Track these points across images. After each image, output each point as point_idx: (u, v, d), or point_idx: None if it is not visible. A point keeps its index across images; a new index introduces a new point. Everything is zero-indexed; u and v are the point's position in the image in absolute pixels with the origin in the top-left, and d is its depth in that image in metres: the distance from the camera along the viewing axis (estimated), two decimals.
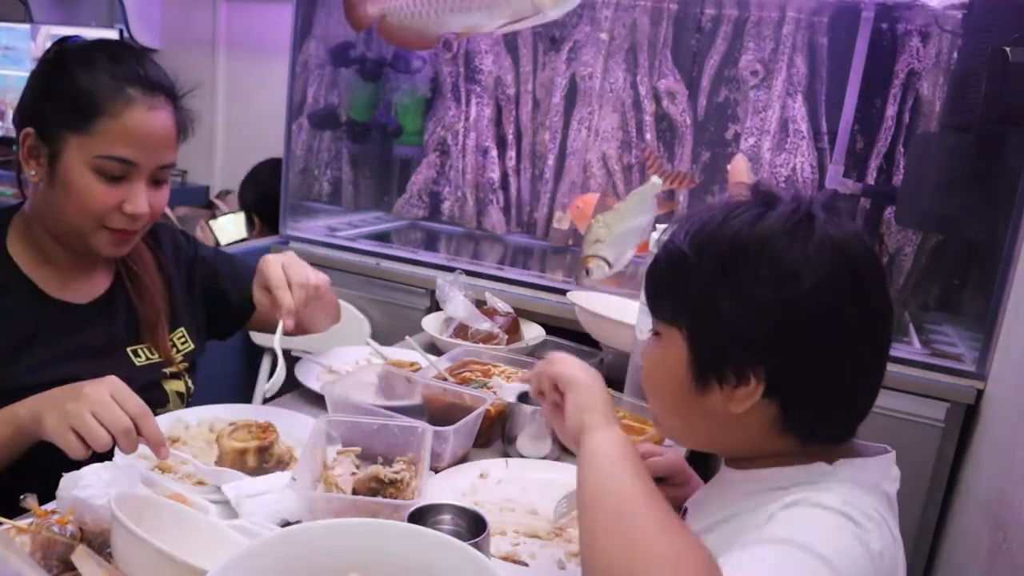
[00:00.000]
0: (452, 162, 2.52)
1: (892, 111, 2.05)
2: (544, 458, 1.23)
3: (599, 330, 1.63)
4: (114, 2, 2.96)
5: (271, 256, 1.24)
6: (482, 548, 0.81)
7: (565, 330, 1.78)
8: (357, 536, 0.70)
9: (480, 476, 1.16)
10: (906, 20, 2.03)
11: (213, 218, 2.59)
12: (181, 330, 1.33)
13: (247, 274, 1.30)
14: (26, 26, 3.04)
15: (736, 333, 0.71)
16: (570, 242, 2.38)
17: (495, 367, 1.47)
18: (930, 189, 1.90)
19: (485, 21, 1.84)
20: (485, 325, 1.70)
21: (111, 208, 1.14)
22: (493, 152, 2.48)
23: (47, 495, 0.85)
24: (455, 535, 0.78)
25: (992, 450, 1.50)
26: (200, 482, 1.05)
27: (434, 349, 1.69)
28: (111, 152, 1.11)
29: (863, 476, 0.71)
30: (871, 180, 2.10)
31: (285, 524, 0.93)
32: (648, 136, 2.30)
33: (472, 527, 0.88)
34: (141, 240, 1.27)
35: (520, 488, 1.13)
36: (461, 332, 1.72)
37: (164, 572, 0.74)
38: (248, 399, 2.14)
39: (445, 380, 1.34)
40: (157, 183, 1.19)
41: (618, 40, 2.30)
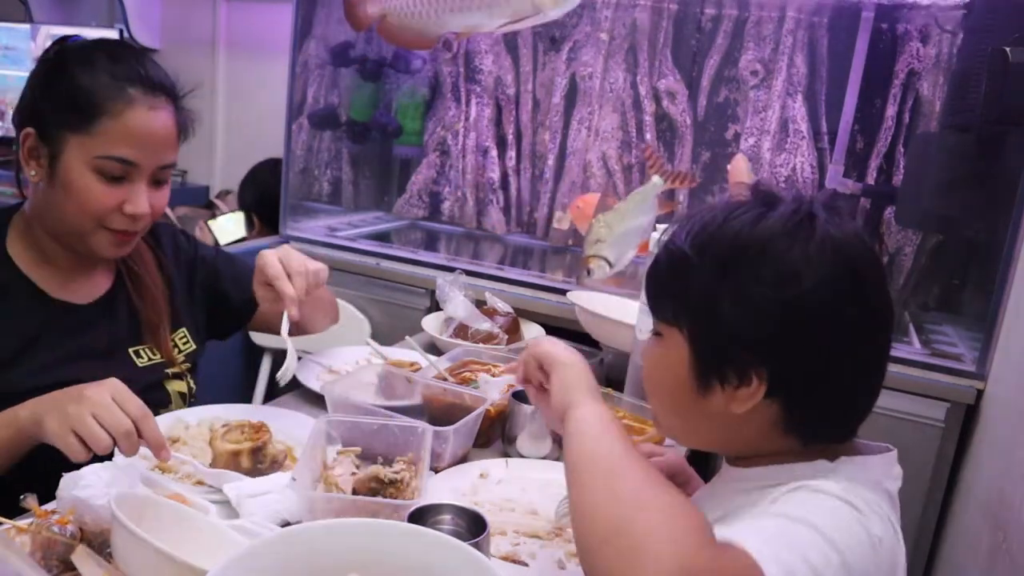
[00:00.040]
0: (452, 162, 2.51)
1: (892, 111, 2.05)
2: (544, 458, 1.23)
3: (599, 330, 1.63)
4: (114, 2, 2.96)
5: (267, 251, 1.24)
6: (482, 548, 0.81)
7: (565, 330, 1.78)
8: (357, 536, 0.70)
9: (480, 476, 1.16)
10: (906, 20, 2.03)
11: (213, 218, 2.59)
12: (183, 330, 1.33)
13: (247, 274, 1.30)
14: (26, 26, 3.04)
15: (737, 333, 0.71)
16: (570, 242, 2.38)
17: (495, 367, 1.47)
18: (930, 189, 1.90)
19: (485, 21, 1.84)
20: (485, 325, 1.70)
21: (111, 209, 1.14)
22: (493, 152, 2.48)
23: (47, 495, 0.85)
24: (455, 535, 0.78)
25: (992, 450, 1.50)
26: (200, 482, 1.05)
27: (434, 349, 1.69)
28: (111, 152, 1.11)
29: (865, 473, 0.71)
30: (871, 180, 2.09)
31: (285, 524, 0.93)
32: (648, 136, 2.30)
33: (472, 527, 0.88)
34: (141, 240, 1.26)
35: (520, 488, 1.13)
36: (461, 332, 1.72)
37: (164, 572, 0.74)
38: (248, 399, 2.13)
39: (445, 380, 1.34)
40: (158, 183, 1.18)
41: (618, 40, 2.30)
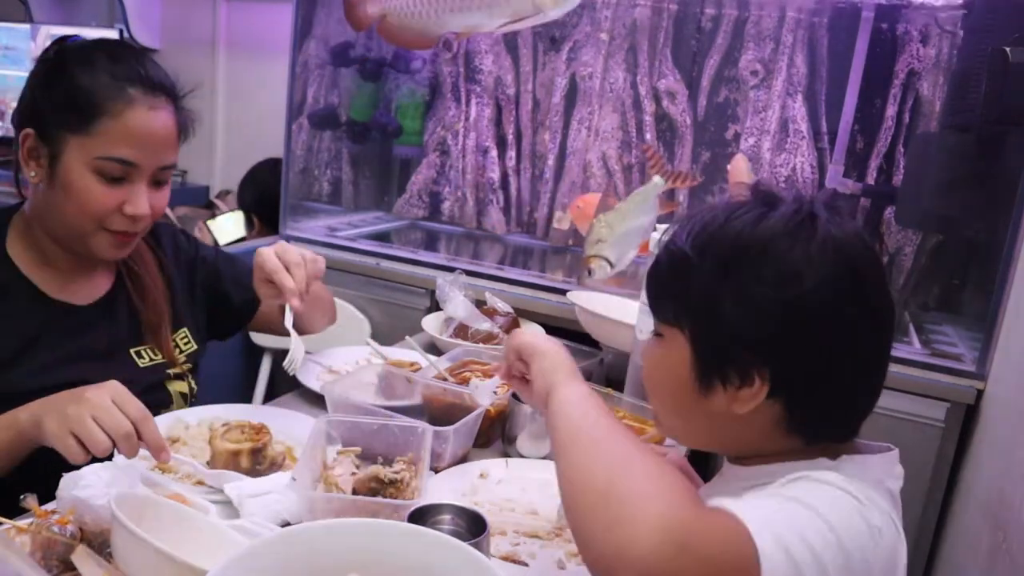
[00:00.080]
0: (452, 162, 2.51)
1: (892, 111, 2.05)
2: (544, 458, 1.23)
3: (599, 330, 1.63)
4: (114, 2, 2.96)
5: (264, 248, 1.24)
6: (482, 548, 0.81)
7: (565, 330, 1.78)
8: (357, 536, 0.70)
9: (480, 476, 1.16)
10: (906, 20, 2.03)
11: (212, 218, 2.59)
12: (184, 330, 1.33)
13: (248, 273, 1.29)
14: (26, 26, 3.04)
15: (739, 333, 0.71)
16: (570, 242, 2.38)
17: (495, 367, 1.47)
18: (930, 189, 1.90)
19: (485, 21, 1.83)
20: (485, 325, 1.70)
21: (111, 210, 1.13)
22: (493, 152, 2.48)
23: (47, 495, 0.85)
24: (455, 535, 0.78)
25: (992, 450, 1.50)
26: (200, 482, 1.05)
27: (434, 349, 1.69)
28: (111, 153, 1.11)
29: (866, 472, 0.71)
30: (871, 180, 2.09)
31: (285, 524, 0.93)
32: (648, 136, 2.30)
33: (472, 527, 0.88)
34: (141, 240, 1.26)
35: (520, 488, 1.13)
36: (461, 332, 1.72)
37: (164, 572, 0.74)
38: (248, 399, 2.14)
39: (445, 380, 1.34)
40: (158, 184, 1.18)
41: (618, 40, 2.30)
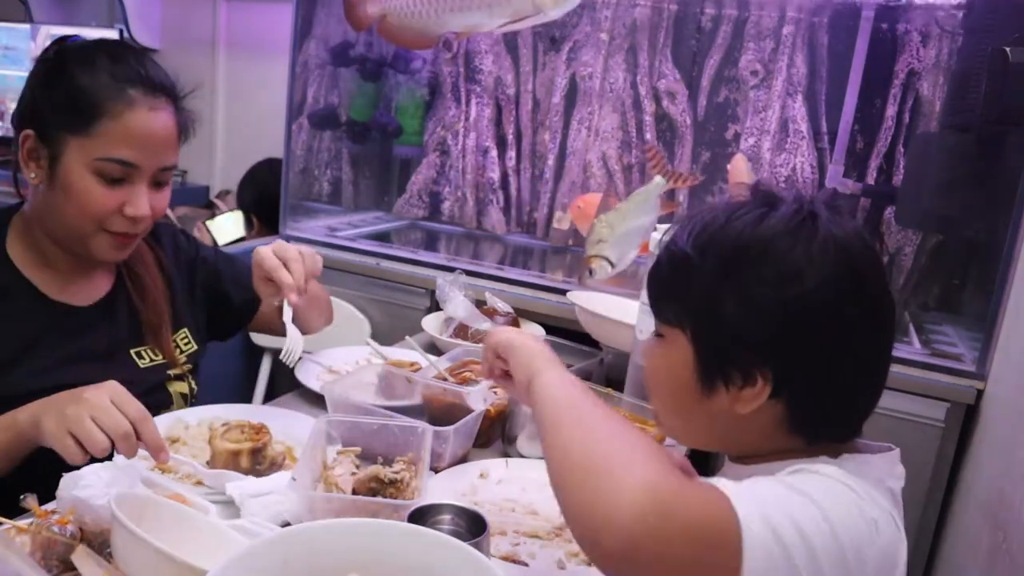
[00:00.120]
0: (452, 162, 2.51)
1: (892, 111, 2.05)
2: (544, 458, 1.23)
3: (599, 330, 1.63)
4: (114, 2, 2.96)
5: (261, 247, 1.24)
6: (482, 548, 0.81)
7: (565, 330, 1.78)
8: (357, 536, 0.70)
9: (480, 476, 1.16)
10: (906, 20, 2.03)
11: (211, 218, 2.59)
12: (184, 330, 1.33)
13: (247, 274, 1.29)
14: (26, 26, 3.04)
15: (741, 334, 0.71)
16: (570, 242, 2.38)
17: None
18: (930, 189, 1.90)
19: (485, 20, 1.83)
20: (485, 325, 1.70)
21: (112, 211, 1.13)
22: (493, 152, 2.48)
23: (47, 495, 0.85)
24: (455, 535, 0.78)
25: (992, 450, 1.50)
26: (200, 482, 1.05)
27: (434, 349, 1.69)
28: (112, 154, 1.11)
29: (867, 470, 0.71)
30: (871, 180, 2.09)
31: (285, 524, 0.93)
32: (648, 136, 2.30)
33: (472, 527, 0.88)
34: (142, 240, 1.26)
35: (520, 488, 1.13)
36: (461, 332, 1.72)
37: (164, 572, 0.74)
38: (248, 399, 2.14)
39: (445, 380, 1.34)
40: (158, 185, 1.18)
41: (618, 40, 2.30)
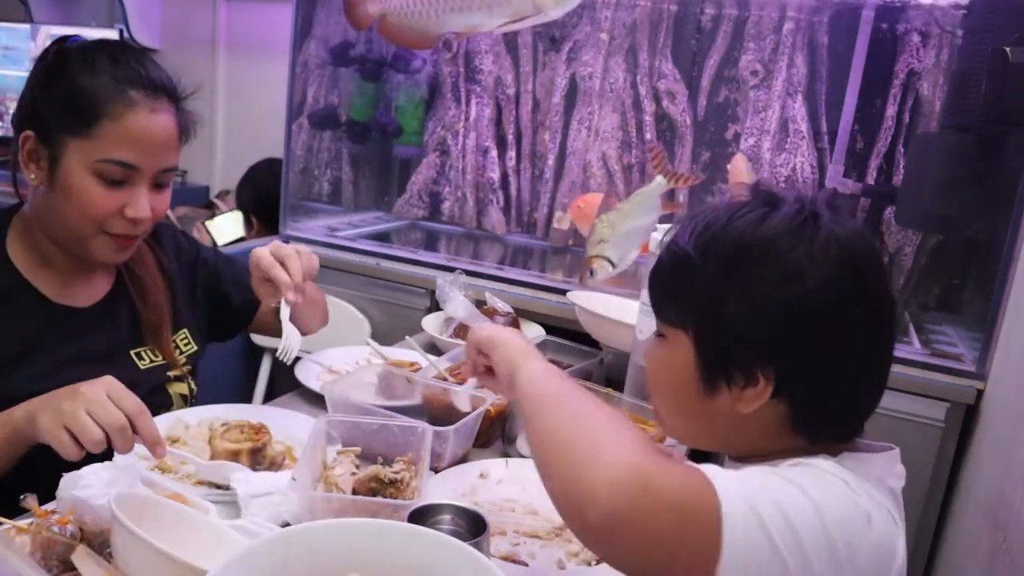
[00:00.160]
0: (452, 162, 2.51)
1: (892, 111, 2.05)
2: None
3: (599, 330, 1.63)
4: (114, 2, 2.96)
5: (258, 248, 1.24)
6: (482, 548, 0.81)
7: (565, 330, 1.78)
8: (357, 536, 0.70)
9: (480, 476, 1.16)
10: (906, 20, 2.03)
11: (211, 219, 2.59)
12: (184, 331, 1.33)
13: (247, 276, 1.29)
14: (26, 26, 3.04)
15: (742, 334, 0.71)
16: (570, 242, 2.38)
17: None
18: (930, 189, 1.90)
19: (485, 20, 1.83)
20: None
21: (112, 213, 1.13)
22: (493, 152, 2.48)
23: (47, 495, 0.85)
24: (455, 535, 0.78)
25: (992, 450, 1.50)
26: (200, 482, 1.05)
27: (434, 349, 1.69)
28: (112, 156, 1.10)
29: (867, 469, 0.71)
30: (871, 180, 2.09)
31: (285, 525, 0.93)
32: (648, 136, 2.30)
33: (472, 527, 0.88)
34: (142, 240, 1.26)
35: (520, 488, 1.13)
36: (461, 332, 1.72)
37: (164, 572, 0.74)
38: (248, 399, 2.14)
39: (445, 380, 1.34)
40: (159, 187, 1.17)
41: (618, 40, 2.30)
